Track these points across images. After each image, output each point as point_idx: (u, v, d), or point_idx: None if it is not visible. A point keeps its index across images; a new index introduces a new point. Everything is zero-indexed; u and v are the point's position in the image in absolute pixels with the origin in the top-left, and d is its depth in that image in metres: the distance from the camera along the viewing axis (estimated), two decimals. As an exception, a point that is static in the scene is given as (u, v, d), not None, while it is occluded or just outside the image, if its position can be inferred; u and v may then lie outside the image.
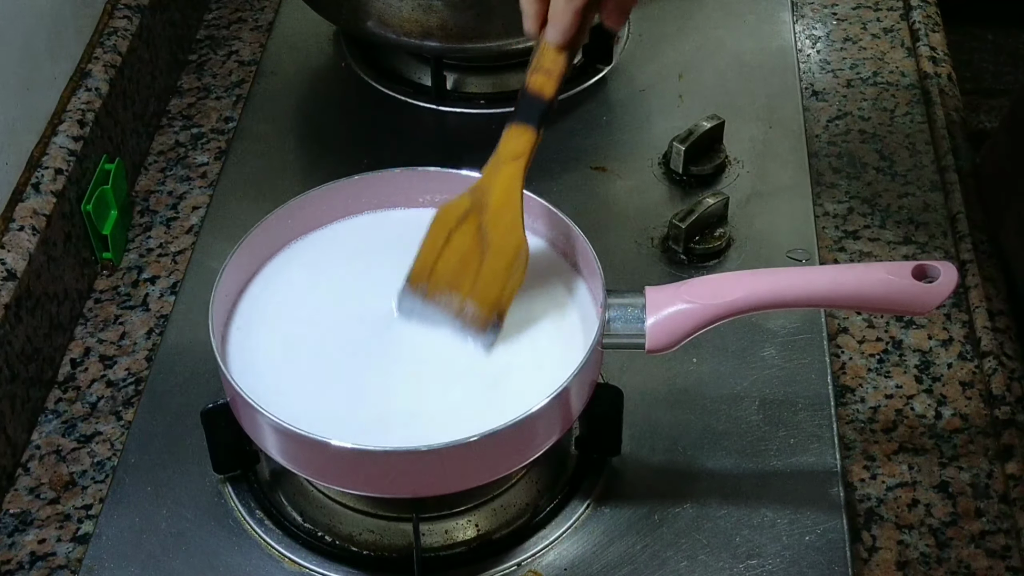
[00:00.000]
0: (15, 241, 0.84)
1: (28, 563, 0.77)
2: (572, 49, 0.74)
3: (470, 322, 0.74)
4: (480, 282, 0.74)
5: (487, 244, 0.74)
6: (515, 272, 0.74)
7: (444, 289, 0.75)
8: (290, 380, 0.73)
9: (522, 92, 0.75)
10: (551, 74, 0.74)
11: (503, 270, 0.74)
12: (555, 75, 0.74)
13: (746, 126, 1.03)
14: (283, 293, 0.78)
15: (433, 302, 0.75)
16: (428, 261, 0.75)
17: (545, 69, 0.74)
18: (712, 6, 1.17)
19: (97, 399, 0.86)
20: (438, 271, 0.75)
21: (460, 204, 0.76)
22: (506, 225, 0.74)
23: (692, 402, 0.83)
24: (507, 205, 0.75)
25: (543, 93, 0.74)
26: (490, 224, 0.75)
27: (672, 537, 0.76)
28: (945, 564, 0.75)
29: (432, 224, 0.76)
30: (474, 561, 0.75)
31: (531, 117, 0.75)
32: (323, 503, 0.77)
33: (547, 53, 0.74)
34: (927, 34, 1.12)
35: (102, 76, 0.98)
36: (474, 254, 0.74)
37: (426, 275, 0.75)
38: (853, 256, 0.94)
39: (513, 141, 0.75)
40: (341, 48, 1.14)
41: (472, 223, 0.75)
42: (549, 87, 0.74)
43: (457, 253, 0.75)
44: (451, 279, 0.75)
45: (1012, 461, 0.80)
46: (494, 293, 0.74)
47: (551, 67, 0.74)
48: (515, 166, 0.75)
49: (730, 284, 0.73)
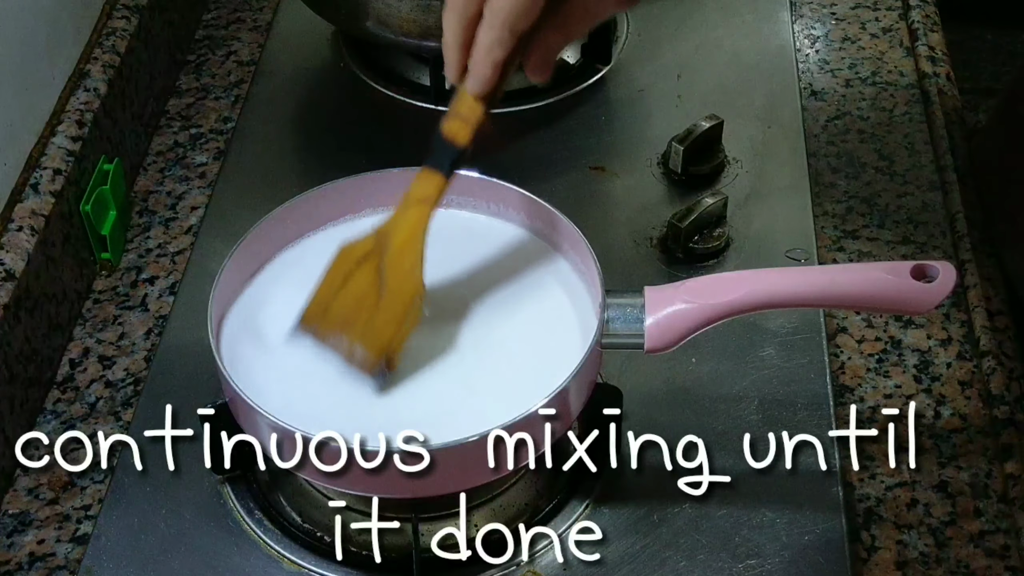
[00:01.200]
0: (14, 241, 0.84)
1: (27, 563, 0.77)
2: (491, 99, 0.72)
3: (359, 366, 0.72)
4: (372, 325, 0.72)
5: (384, 286, 0.73)
6: (408, 318, 0.73)
7: (335, 330, 0.73)
8: (289, 380, 0.73)
9: (436, 136, 0.73)
10: (467, 121, 0.72)
11: (397, 314, 0.72)
12: (471, 123, 0.72)
13: (745, 126, 1.03)
14: (282, 293, 0.78)
15: (326, 342, 0.73)
16: (324, 301, 0.74)
17: (462, 116, 0.72)
18: (711, 6, 1.17)
19: (96, 399, 0.86)
20: (332, 311, 0.73)
21: (363, 244, 0.74)
22: (405, 269, 0.73)
23: (691, 402, 0.83)
24: (409, 248, 0.73)
25: (456, 140, 0.72)
26: (389, 266, 0.73)
27: (671, 537, 0.76)
28: (944, 564, 0.75)
29: (332, 263, 0.74)
30: (473, 561, 0.75)
31: (442, 163, 0.73)
32: (322, 503, 0.77)
33: (465, 99, 0.72)
34: (926, 34, 1.12)
35: (101, 76, 0.98)
36: (370, 296, 0.73)
37: (320, 315, 0.73)
38: (852, 256, 0.94)
39: (422, 184, 0.74)
40: (340, 48, 1.14)
41: (372, 264, 0.73)
42: (464, 134, 0.72)
43: (354, 294, 0.73)
44: (344, 320, 0.73)
45: (1011, 461, 0.80)
46: (385, 337, 0.72)
47: (468, 115, 0.72)
48: (421, 210, 0.73)
49: (729, 284, 0.73)
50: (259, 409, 0.68)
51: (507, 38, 0.68)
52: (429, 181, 0.74)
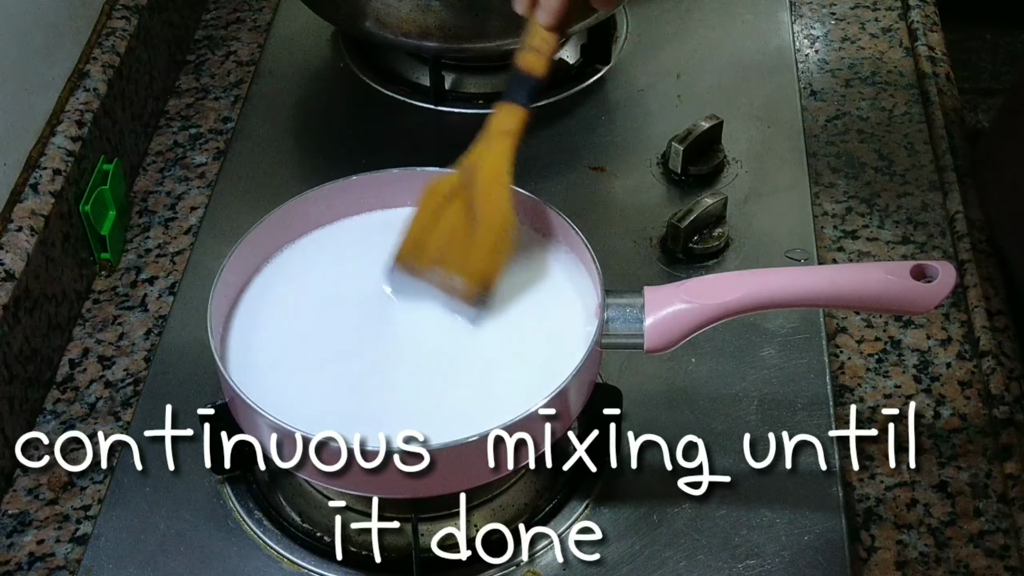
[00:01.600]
0: (13, 242, 0.84)
1: (27, 564, 0.77)
2: (562, 28, 0.75)
3: (459, 296, 0.74)
4: (469, 257, 0.74)
5: (476, 219, 0.74)
6: (502, 247, 0.74)
7: (432, 265, 0.74)
8: (289, 380, 0.73)
9: (513, 70, 0.75)
10: (541, 53, 0.74)
11: (491, 245, 0.74)
12: (545, 54, 0.74)
13: (744, 126, 1.03)
14: (282, 293, 0.78)
15: (422, 278, 0.75)
16: (417, 237, 0.75)
17: (535, 48, 0.74)
18: (710, 6, 1.17)
19: (96, 400, 0.86)
20: (427, 247, 0.75)
21: (449, 180, 0.76)
22: (494, 200, 0.75)
23: (691, 402, 0.83)
24: (496, 180, 0.75)
25: (533, 71, 0.75)
26: (479, 199, 0.75)
27: (671, 537, 0.76)
28: (944, 564, 0.75)
29: (421, 200, 0.76)
30: (473, 561, 0.75)
31: (521, 95, 0.75)
32: (322, 503, 0.77)
33: (538, 32, 0.75)
34: (925, 33, 1.12)
35: (100, 77, 0.98)
36: (463, 229, 0.74)
37: (414, 252, 0.75)
38: (852, 256, 0.94)
39: (503, 118, 0.75)
40: (339, 48, 1.14)
41: (461, 199, 0.75)
42: (539, 65, 0.75)
43: (446, 229, 0.75)
44: (440, 255, 0.75)
45: (1011, 461, 0.80)
46: (482, 267, 0.74)
47: (541, 46, 0.74)
48: (505, 142, 0.75)
49: (729, 284, 0.73)
50: (259, 409, 0.68)
51: None
52: (510, 114, 0.75)
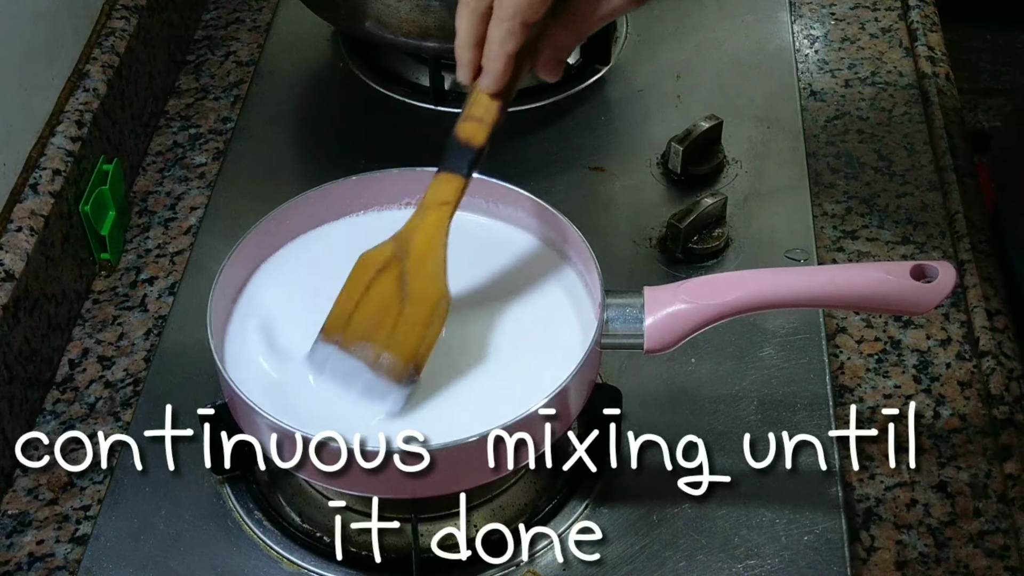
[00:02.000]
0: (13, 242, 0.84)
1: (27, 564, 0.77)
2: (505, 98, 0.72)
3: (385, 374, 0.71)
4: (397, 333, 0.71)
5: (407, 293, 0.72)
6: (434, 323, 0.72)
7: (359, 340, 0.72)
8: (288, 380, 0.73)
9: (452, 140, 0.73)
10: (483, 122, 0.72)
11: (422, 320, 0.72)
12: (487, 123, 0.72)
13: (744, 126, 1.03)
14: (281, 293, 0.78)
15: (348, 354, 0.72)
16: (345, 311, 0.73)
17: (477, 117, 0.72)
18: (710, 6, 1.17)
19: (95, 400, 0.86)
20: (354, 321, 0.72)
21: (382, 252, 0.73)
22: (427, 274, 0.72)
23: (691, 402, 0.83)
24: (430, 253, 0.73)
25: (473, 142, 0.72)
26: (411, 272, 0.72)
27: (670, 537, 0.76)
28: (944, 564, 0.75)
29: (352, 272, 0.74)
30: (473, 562, 0.75)
31: (460, 166, 0.72)
32: (321, 504, 0.77)
33: (480, 101, 0.72)
34: (925, 34, 1.12)
35: (100, 77, 0.98)
36: (393, 304, 0.72)
37: (342, 326, 0.72)
38: (851, 256, 0.94)
39: (440, 188, 0.73)
40: (339, 49, 1.14)
41: (393, 271, 0.73)
42: (480, 135, 0.72)
43: (376, 303, 0.72)
44: (367, 330, 0.72)
45: (1010, 461, 0.80)
46: (412, 344, 0.71)
47: (483, 115, 0.72)
48: (440, 213, 0.73)
49: (728, 284, 0.73)
50: (259, 409, 0.68)
51: (518, 29, 0.68)
52: (448, 184, 0.73)
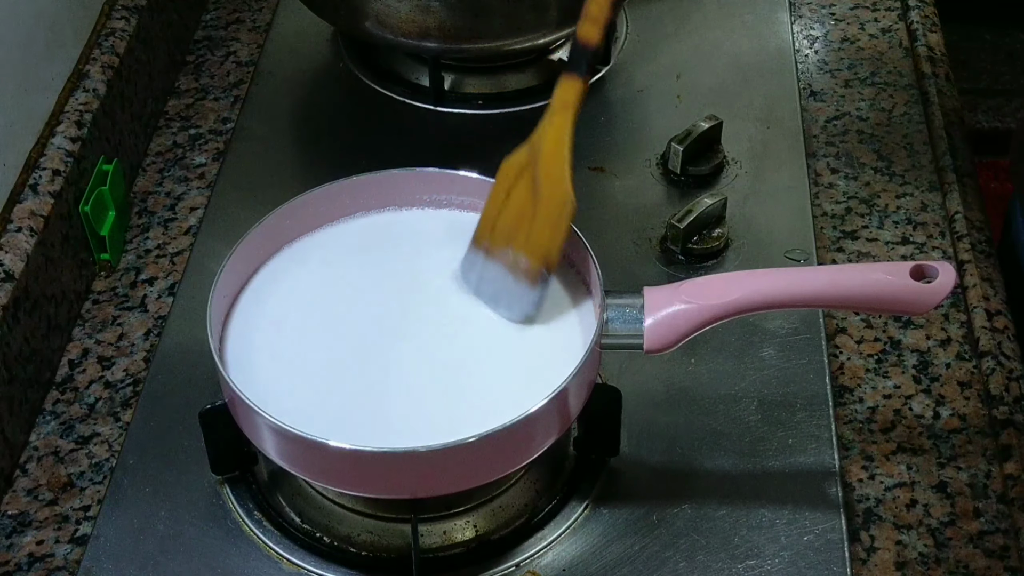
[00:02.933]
0: (13, 242, 0.84)
1: (26, 564, 0.77)
2: None
3: (522, 276, 0.75)
4: (532, 235, 0.75)
5: (538, 196, 0.75)
6: (560, 224, 0.75)
7: (502, 244, 0.76)
8: (288, 381, 0.73)
9: (573, 42, 0.76)
10: (597, 21, 0.76)
11: (551, 221, 0.75)
12: (600, 22, 0.76)
13: (744, 126, 1.03)
14: (281, 294, 0.78)
15: (493, 259, 0.76)
16: (490, 218, 0.77)
17: (592, 17, 0.76)
18: (710, 7, 1.17)
19: (95, 400, 0.86)
20: (498, 227, 0.76)
21: (519, 157, 0.77)
22: (554, 176, 0.75)
23: (690, 402, 0.83)
24: (556, 155, 0.75)
25: (589, 40, 0.76)
26: (541, 175, 0.75)
27: (670, 537, 0.76)
28: (943, 564, 0.75)
29: (496, 180, 0.77)
30: (473, 562, 0.75)
31: (578, 66, 0.76)
32: (321, 504, 0.77)
33: (595, 1, 0.76)
34: (925, 34, 1.12)
35: (100, 77, 0.98)
36: (528, 207, 0.75)
37: (488, 233, 0.76)
38: (851, 256, 0.94)
39: (563, 91, 0.76)
40: (339, 49, 1.14)
41: (527, 176, 0.76)
42: (595, 34, 0.76)
43: (515, 207, 0.76)
44: (508, 233, 0.76)
45: (1010, 461, 0.80)
46: (543, 245, 0.75)
47: (597, 14, 0.75)
48: (564, 116, 0.76)
49: (728, 284, 0.73)
50: (259, 409, 0.68)
51: None
52: (570, 87, 0.76)
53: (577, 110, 0.76)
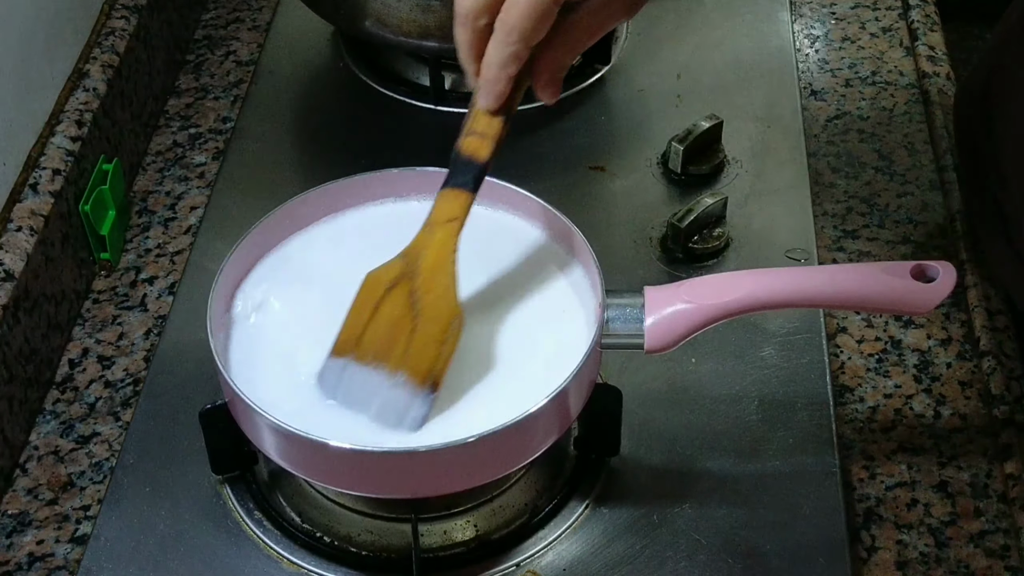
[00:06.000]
0: (13, 242, 0.84)
1: (26, 564, 0.77)
2: (507, 113, 0.71)
3: (401, 391, 0.70)
4: (412, 351, 0.70)
5: (419, 311, 0.71)
6: (449, 340, 0.71)
7: (372, 360, 0.71)
8: (288, 380, 0.73)
9: (455, 155, 0.72)
10: (485, 137, 0.71)
11: (436, 338, 0.71)
12: (490, 137, 0.71)
13: (745, 126, 1.03)
14: (282, 293, 0.78)
15: (365, 370, 0.71)
16: (355, 331, 0.71)
17: (479, 132, 0.71)
18: (710, 6, 1.17)
19: (95, 400, 0.86)
20: (365, 341, 0.71)
21: (389, 270, 0.73)
22: (439, 291, 0.71)
23: (691, 402, 0.83)
24: (440, 269, 0.72)
25: (477, 156, 0.71)
26: (422, 290, 0.71)
27: (671, 537, 0.76)
28: (944, 564, 0.75)
29: (359, 291, 0.73)
30: (473, 561, 0.75)
31: (465, 181, 0.72)
32: (322, 504, 0.77)
33: (481, 118, 0.71)
34: (925, 33, 1.12)
35: (100, 76, 0.98)
36: (405, 322, 0.71)
37: (352, 346, 0.71)
38: (852, 256, 0.94)
39: (447, 204, 0.72)
40: (339, 48, 1.14)
41: (403, 290, 0.72)
42: (484, 150, 0.71)
43: (387, 322, 0.71)
44: (380, 349, 0.71)
45: (1011, 461, 0.80)
46: (427, 362, 0.70)
47: (485, 130, 0.71)
48: (448, 229, 0.72)
49: (729, 284, 0.73)
50: (259, 409, 0.68)
51: (522, 51, 0.67)
52: (455, 200, 0.72)
53: (463, 223, 0.72)
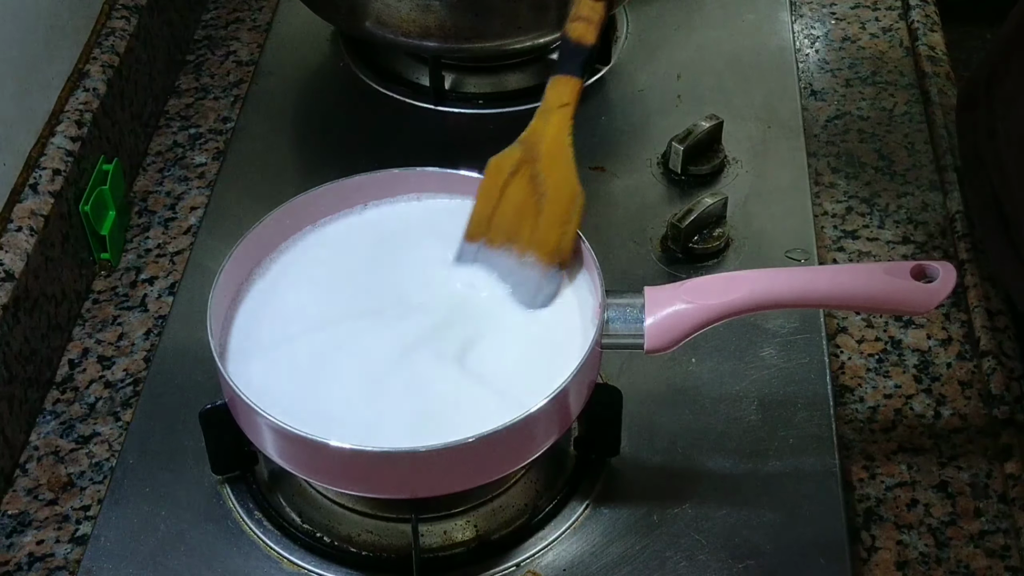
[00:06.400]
0: (13, 242, 0.84)
1: (27, 564, 0.77)
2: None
3: (532, 271, 0.74)
4: (539, 231, 0.74)
5: (543, 192, 0.74)
6: (573, 218, 0.74)
7: (503, 241, 0.75)
8: (288, 380, 0.73)
9: (563, 41, 0.75)
10: (591, 21, 0.75)
11: (561, 217, 0.74)
12: (595, 22, 0.75)
13: (745, 126, 1.03)
14: (281, 293, 0.78)
15: (495, 251, 0.75)
16: (484, 214, 0.76)
17: (584, 17, 0.75)
18: (711, 6, 1.17)
19: (95, 400, 0.86)
20: (495, 224, 0.75)
21: (511, 155, 0.76)
22: (560, 172, 0.75)
23: (691, 402, 0.83)
24: (559, 152, 0.75)
25: (584, 41, 0.75)
26: (544, 172, 0.75)
27: (671, 537, 0.76)
28: (944, 564, 0.75)
29: (484, 178, 0.76)
30: (473, 562, 0.75)
31: (575, 66, 0.75)
32: (322, 504, 0.77)
33: (585, 2, 0.75)
34: (925, 33, 1.12)
35: (100, 76, 0.98)
36: (530, 204, 0.75)
37: (484, 228, 0.76)
38: (852, 256, 0.94)
39: (559, 90, 0.76)
40: (339, 48, 1.14)
41: (525, 173, 0.75)
42: (590, 34, 0.75)
43: (512, 204, 0.75)
44: (509, 230, 0.75)
45: (1011, 461, 0.80)
46: (553, 241, 0.74)
47: (590, 15, 0.75)
48: (563, 113, 0.75)
49: (729, 284, 0.73)
50: (259, 409, 0.68)
51: None
52: (565, 86, 0.75)
53: (575, 109, 0.76)
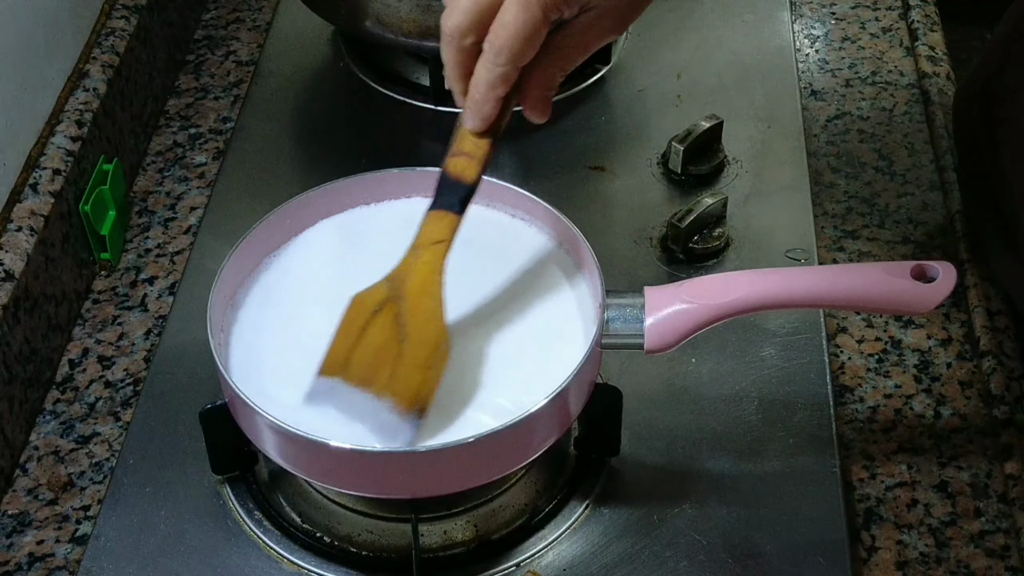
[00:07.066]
0: (13, 242, 0.84)
1: (26, 564, 0.77)
2: (495, 134, 0.70)
3: (390, 416, 0.69)
4: (398, 375, 0.69)
5: (405, 335, 0.70)
6: (436, 364, 0.70)
7: (359, 383, 0.70)
8: (289, 380, 0.73)
9: (442, 176, 0.71)
10: (473, 158, 0.70)
11: (423, 362, 0.70)
12: (477, 159, 0.70)
13: (745, 126, 1.03)
14: (281, 293, 0.78)
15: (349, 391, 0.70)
16: (341, 353, 0.71)
17: (466, 153, 0.70)
18: (710, 6, 1.17)
19: (95, 400, 0.86)
20: (352, 363, 0.70)
21: (375, 293, 0.72)
22: (425, 315, 0.71)
23: (691, 402, 0.83)
24: (426, 293, 0.71)
25: (464, 178, 0.70)
26: (408, 313, 0.70)
27: (671, 537, 0.76)
28: (944, 564, 0.75)
29: (346, 313, 0.72)
30: (473, 562, 0.75)
31: (452, 203, 0.70)
32: (322, 504, 0.77)
33: (468, 138, 0.70)
34: (925, 33, 1.12)
35: (100, 76, 0.98)
36: (391, 346, 0.70)
37: (339, 368, 0.70)
38: (852, 256, 0.94)
39: (435, 225, 0.71)
40: (339, 48, 1.14)
41: (389, 312, 0.71)
42: (471, 171, 0.70)
43: (373, 345, 0.70)
44: (367, 373, 0.69)
45: (1011, 461, 0.80)
46: (413, 387, 0.69)
47: (473, 151, 0.70)
48: (435, 251, 0.71)
49: (729, 284, 0.73)
50: (259, 409, 0.68)
51: (510, 72, 0.66)
52: (441, 222, 0.71)
53: (449, 245, 0.71)
